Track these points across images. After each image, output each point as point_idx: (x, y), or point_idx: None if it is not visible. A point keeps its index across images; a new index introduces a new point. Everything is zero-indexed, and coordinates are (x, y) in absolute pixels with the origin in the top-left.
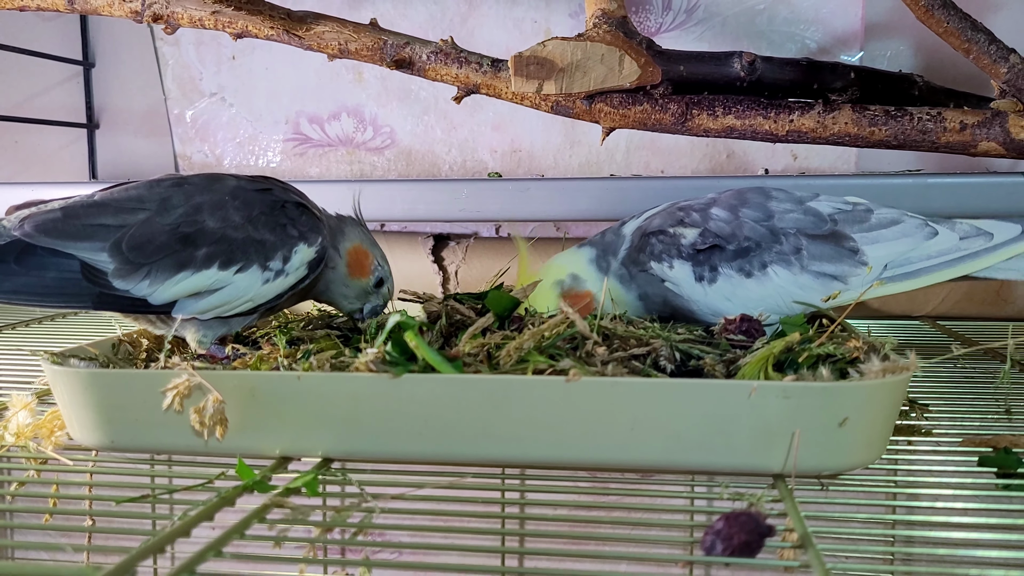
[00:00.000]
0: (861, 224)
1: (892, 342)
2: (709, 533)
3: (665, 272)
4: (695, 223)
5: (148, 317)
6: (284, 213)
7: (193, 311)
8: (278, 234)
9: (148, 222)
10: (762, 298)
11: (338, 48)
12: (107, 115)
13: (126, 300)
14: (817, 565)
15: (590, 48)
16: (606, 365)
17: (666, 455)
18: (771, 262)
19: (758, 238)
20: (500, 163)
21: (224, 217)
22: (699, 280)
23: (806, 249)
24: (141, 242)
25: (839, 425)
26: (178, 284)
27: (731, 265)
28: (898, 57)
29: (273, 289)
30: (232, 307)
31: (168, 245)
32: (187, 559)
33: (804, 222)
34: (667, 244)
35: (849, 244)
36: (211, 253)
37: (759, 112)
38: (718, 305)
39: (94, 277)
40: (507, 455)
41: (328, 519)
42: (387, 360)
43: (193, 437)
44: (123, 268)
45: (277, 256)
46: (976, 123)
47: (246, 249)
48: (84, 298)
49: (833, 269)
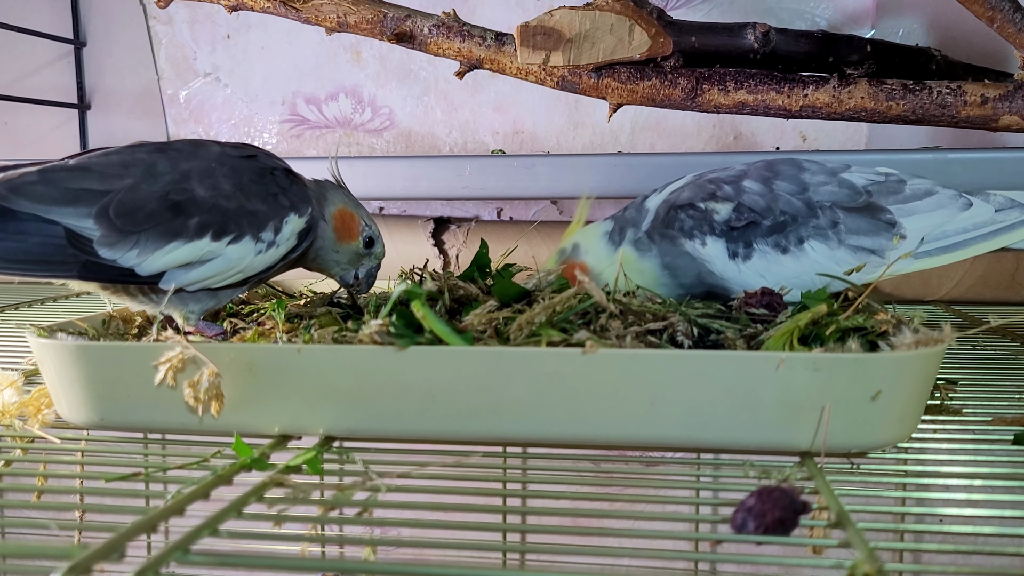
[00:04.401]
0: (895, 195)
1: (921, 315)
2: (740, 510)
3: (697, 249)
4: (728, 196)
5: (130, 290)
6: (274, 181)
7: (182, 282)
8: (269, 204)
9: (135, 188)
10: (797, 274)
11: (336, 21)
12: (99, 95)
13: (113, 270)
14: (859, 543)
15: (599, 18)
16: (622, 339)
17: (687, 432)
18: (808, 237)
19: (794, 212)
20: (502, 144)
21: (214, 185)
22: (733, 257)
23: (843, 223)
24: (130, 209)
25: (872, 399)
26: (169, 254)
27: (767, 241)
28: (911, 35)
29: (264, 260)
30: (222, 279)
31: (159, 213)
32: (181, 537)
33: (839, 194)
34: (698, 219)
35: (886, 217)
36: (203, 223)
37: (772, 87)
38: (752, 282)
39: (80, 244)
40: (518, 432)
41: (330, 498)
42: (392, 332)
43: (187, 414)
44: (110, 236)
45: (269, 227)
46: (998, 96)
47: (239, 219)
48: (69, 267)
49: (870, 243)
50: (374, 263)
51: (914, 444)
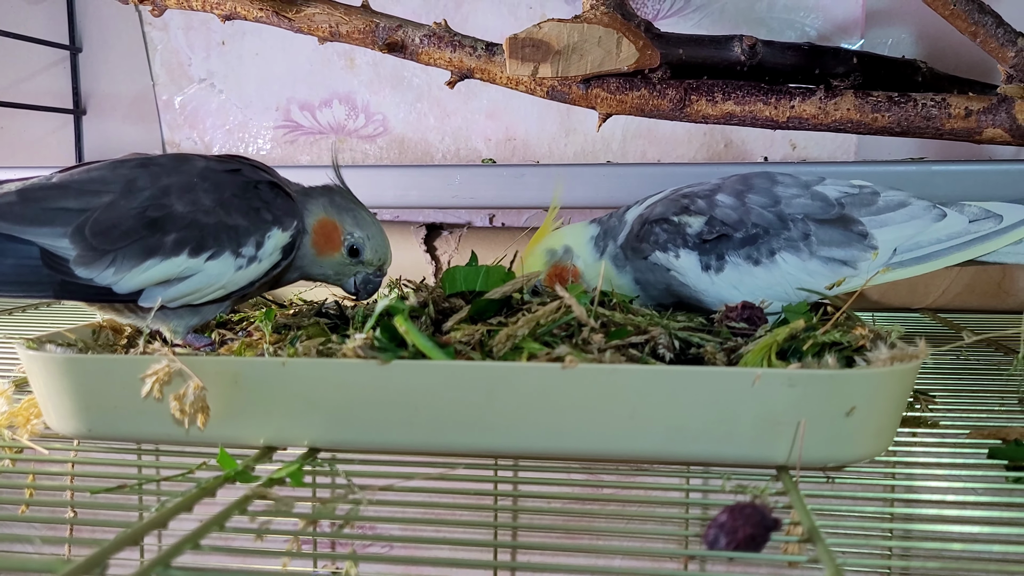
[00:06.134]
0: (868, 207)
1: (899, 330)
2: (712, 527)
3: (671, 262)
4: (700, 211)
5: (115, 306)
6: (257, 195)
7: (162, 300)
8: (251, 218)
9: (112, 206)
10: (770, 285)
11: (329, 31)
12: (94, 101)
13: (90, 289)
14: (827, 560)
15: (587, 30)
16: (603, 352)
17: (666, 445)
18: (779, 249)
19: (766, 224)
20: (494, 151)
21: (194, 200)
22: (706, 269)
23: (815, 235)
24: (105, 227)
25: (846, 415)
26: (145, 272)
27: (738, 253)
28: (899, 45)
29: (246, 276)
30: (203, 295)
31: (135, 230)
32: (162, 552)
33: (812, 207)
34: (672, 233)
35: (858, 228)
36: (180, 239)
37: (759, 98)
38: (725, 294)
39: (55, 264)
40: (501, 445)
41: (313, 511)
42: (376, 346)
43: (174, 426)
44: (86, 255)
45: (250, 242)
46: (982, 109)
47: (217, 235)
48: (44, 287)
49: (842, 254)
50: (369, 270)
51: (891, 457)
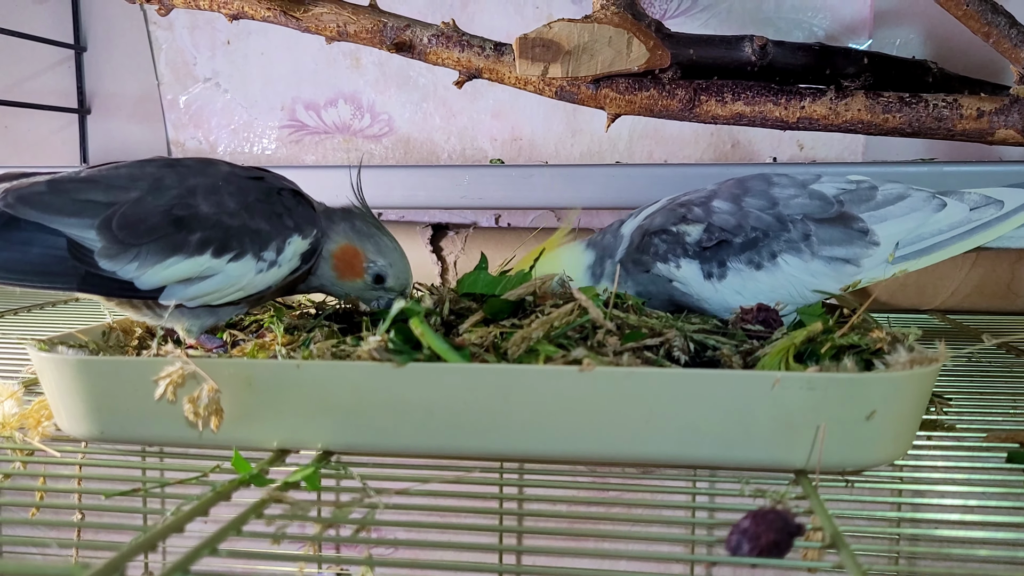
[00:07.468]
0: (867, 203)
1: (916, 332)
2: (735, 532)
3: (672, 272)
4: (698, 218)
5: (133, 302)
6: (280, 201)
7: (182, 298)
8: (273, 223)
9: (140, 201)
10: (773, 289)
11: (336, 30)
12: (99, 100)
13: (112, 282)
14: (852, 566)
15: (597, 30)
16: (619, 355)
17: (683, 449)
18: (780, 251)
19: (765, 227)
20: (500, 152)
21: (219, 202)
22: (708, 277)
23: (815, 234)
24: (132, 222)
25: (866, 418)
26: (168, 269)
27: (739, 258)
28: (908, 46)
29: (265, 280)
30: (222, 296)
31: (160, 227)
32: (181, 557)
33: (810, 206)
34: (671, 243)
35: (858, 225)
36: (205, 239)
37: (769, 98)
38: (729, 300)
39: (81, 256)
40: (516, 448)
41: (328, 515)
42: (390, 348)
43: (187, 428)
44: (111, 248)
45: (271, 246)
46: (994, 110)
47: (241, 237)
48: (69, 278)
49: (844, 252)
50: (393, 295)
51: (909, 461)
